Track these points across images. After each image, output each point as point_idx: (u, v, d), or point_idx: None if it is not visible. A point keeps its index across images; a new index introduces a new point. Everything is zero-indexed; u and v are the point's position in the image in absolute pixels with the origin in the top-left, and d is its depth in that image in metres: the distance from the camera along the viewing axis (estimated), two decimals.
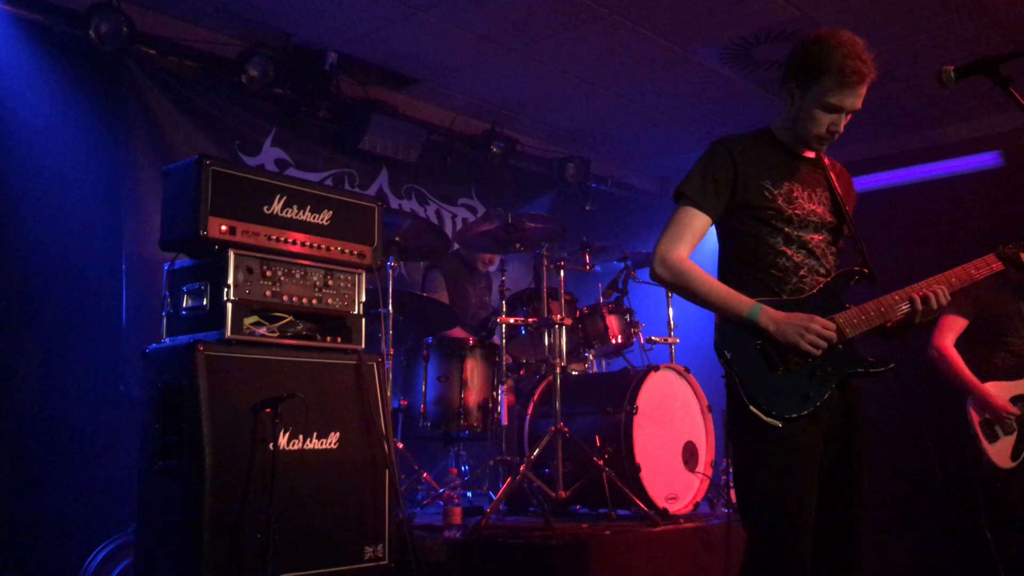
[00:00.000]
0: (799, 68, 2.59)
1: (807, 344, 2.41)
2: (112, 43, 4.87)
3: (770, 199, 2.56)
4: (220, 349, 3.27)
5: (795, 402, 2.40)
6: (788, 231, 2.57)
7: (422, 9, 5.30)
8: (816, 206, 2.63)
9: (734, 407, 2.49)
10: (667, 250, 2.54)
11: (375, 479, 3.59)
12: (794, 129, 2.65)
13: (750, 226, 2.58)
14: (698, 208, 2.55)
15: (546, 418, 4.83)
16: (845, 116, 2.59)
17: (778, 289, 2.55)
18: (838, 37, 2.55)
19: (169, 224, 3.50)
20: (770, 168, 2.61)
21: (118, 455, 4.37)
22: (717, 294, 2.49)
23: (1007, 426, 4.17)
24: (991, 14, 5.33)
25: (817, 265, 2.59)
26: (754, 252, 2.58)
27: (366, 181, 6.41)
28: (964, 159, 6.93)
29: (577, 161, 7.52)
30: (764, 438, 2.41)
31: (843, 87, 2.52)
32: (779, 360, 2.43)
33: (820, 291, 2.55)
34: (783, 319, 2.43)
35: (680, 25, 5.49)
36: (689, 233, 2.56)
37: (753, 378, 2.42)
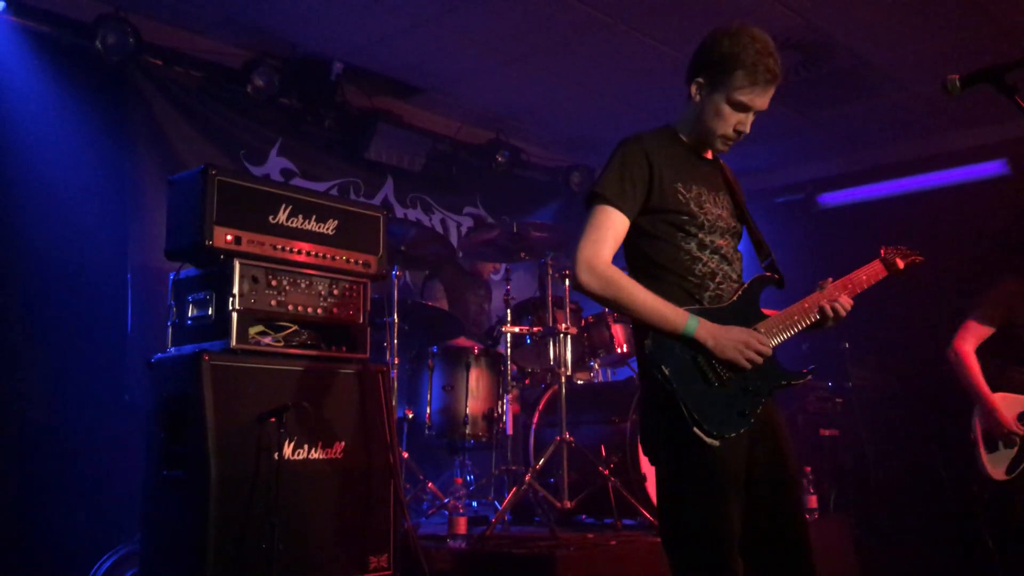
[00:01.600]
0: (710, 62, 2.46)
1: (744, 360, 2.33)
2: (119, 53, 4.90)
3: (684, 203, 2.45)
4: (225, 359, 3.27)
5: (733, 420, 2.30)
6: (701, 236, 2.45)
7: (428, 20, 5.32)
8: (721, 210, 2.53)
9: (662, 423, 2.34)
10: (593, 255, 2.34)
11: (380, 489, 3.59)
12: (697, 127, 2.54)
13: (663, 230, 2.44)
14: (618, 209, 2.38)
15: (551, 427, 4.82)
16: (751, 116, 2.49)
17: (698, 296, 2.43)
18: (752, 33, 2.44)
19: (175, 234, 3.51)
20: (680, 170, 2.49)
21: (123, 464, 4.37)
22: (652, 306, 2.31)
23: (1010, 441, 4.14)
24: (996, 21, 5.32)
25: (730, 271, 2.50)
26: (670, 258, 2.44)
27: (372, 190, 6.42)
28: (970, 167, 6.91)
29: (582, 170, 7.53)
30: (697, 457, 2.28)
31: (755, 85, 2.41)
32: (713, 375, 2.32)
33: (739, 299, 2.46)
34: (721, 334, 2.32)
35: (685, 35, 5.48)
36: (612, 236, 2.38)
37: (691, 395, 2.27)
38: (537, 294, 5.40)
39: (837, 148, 7.54)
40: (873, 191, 7.49)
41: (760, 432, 2.40)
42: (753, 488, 2.37)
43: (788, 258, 7.64)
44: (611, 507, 4.39)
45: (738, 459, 2.34)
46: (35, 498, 4.48)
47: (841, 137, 7.26)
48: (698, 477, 2.30)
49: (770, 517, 2.40)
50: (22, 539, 4.40)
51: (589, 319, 5.32)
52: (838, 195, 7.75)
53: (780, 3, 5.09)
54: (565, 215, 7.63)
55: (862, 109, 6.67)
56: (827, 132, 7.11)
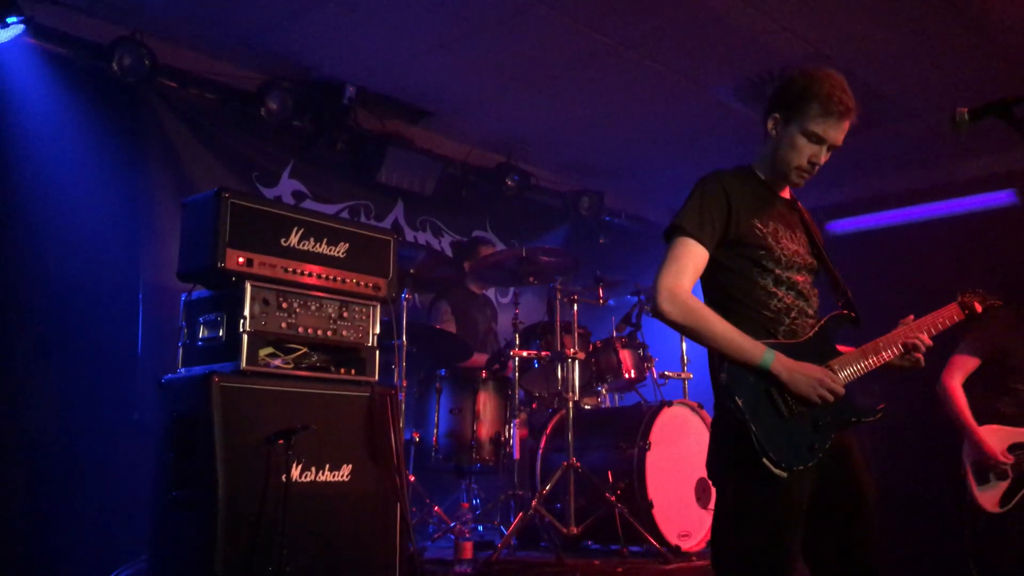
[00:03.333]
0: (785, 98, 2.57)
1: (816, 397, 2.37)
2: (134, 75, 4.96)
3: (761, 237, 2.52)
4: (235, 380, 3.29)
5: (801, 453, 2.34)
6: (778, 272, 2.52)
7: (439, 46, 5.37)
8: (798, 247, 2.59)
9: (731, 451, 2.40)
10: (675, 284, 2.43)
11: (387, 512, 3.59)
12: (774, 162, 2.61)
13: (740, 264, 2.52)
14: (697, 241, 2.46)
15: (558, 452, 4.82)
16: (826, 151, 2.57)
17: (773, 331, 2.49)
18: (827, 71, 2.56)
19: (187, 255, 3.54)
20: (757, 206, 2.57)
21: (132, 483, 4.38)
22: (731, 337, 2.38)
23: (1000, 472, 4.13)
24: (1004, 52, 5.35)
25: (806, 307, 2.55)
26: (745, 291, 2.51)
27: (382, 213, 6.46)
28: (979, 196, 6.92)
29: (591, 194, 7.56)
30: (765, 488, 2.32)
31: (828, 116, 2.51)
32: (785, 408, 2.37)
33: (815, 335, 2.51)
34: (796, 368, 2.37)
35: (694, 62, 5.54)
36: (692, 267, 2.46)
37: (764, 426, 2.32)
38: (546, 318, 5.41)
39: (847, 176, 7.54)
40: (882, 219, 7.50)
41: (831, 462, 2.43)
42: (824, 517, 2.42)
43: None
44: (618, 534, 4.38)
45: (804, 491, 2.38)
46: (44, 516, 4.49)
47: (851, 165, 7.25)
48: (763, 507, 2.35)
49: (843, 540, 2.45)
50: (31, 558, 4.41)
51: (597, 344, 5.33)
52: (848, 222, 7.76)
53: (790, 32, 5.13)
54: (574, 239, 7.66)
55: (872, 137, 6.67)
56: (837, 160, 7.05)
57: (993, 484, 4.15)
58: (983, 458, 4.15)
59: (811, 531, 2.41)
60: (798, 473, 2.32)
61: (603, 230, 7.99)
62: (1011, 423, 4.23)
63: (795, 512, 2.36)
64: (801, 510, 2.37)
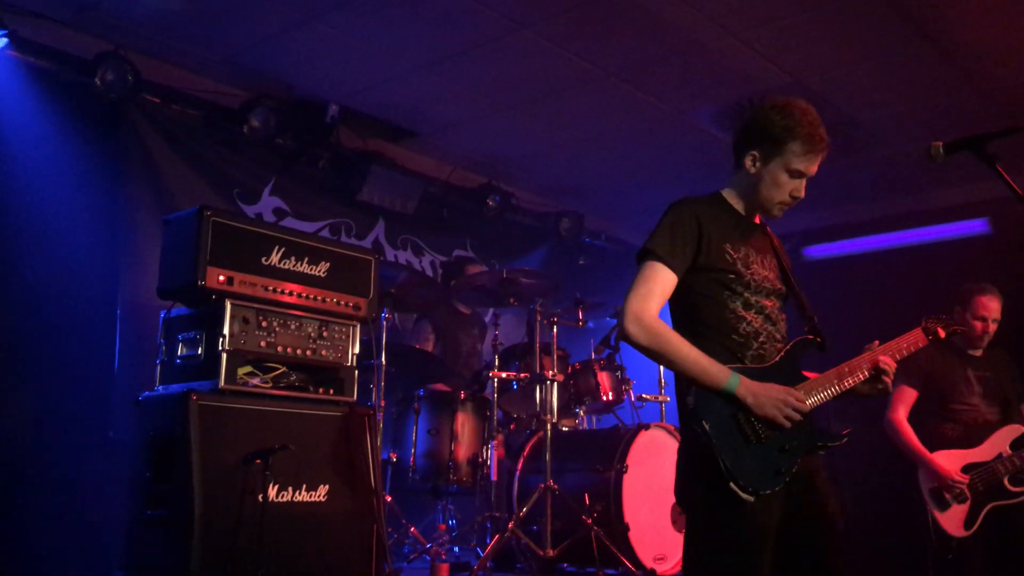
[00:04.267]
0: (763, 136, 2.57)
1: (782, 417, 2.38)
2: (117, 91, 4.95)
3: (731, 262, 2.53)
4: (213, 399, 3.28)
5: (768, 478, 2.35)
6: (747, 296, 2.53)
7: (424, 67, 5.41)
8: (768, 272, 2.62)
9: (699, 476, 2.40)
10: (642, 308, 2.43)
11: (363, 533, 3.59)
12: (753, 196, 2.63)
13: (710, 288, 2.53)
14: (667, 265, 2.47)
15: (536, 474, 4.82)
16: (804, 182, 2.62)
17: (740, 355, 2.49)
18: (799, 105, 2.58)
19: (168, 273, 3.54)
20: (728, 232, 2.58)
21: (106, 501, 4.34)
22: (696, 360, 2.39)
23: (958, 495, 4.20)
24: (977, 85, 5.46)
25: (774, 331, 2.57)
26: (715, 315, 2.52)
27: (363, 231, 6.47)
28: (952, 225, 7.02)
29: (572, 216, 7.61)
30: (733, 514, 2.33)
31: (811, 152, 2.54)
32: (752, 432, 2.38)
33: (781, 359, 2.52)
34: (761, 392, 2.38)
35: (674, 88, 5.61)
36: (660, 291, 2.47)
37: (731, 451, 2.33)
38: (525, 339, 5.43)
39: (823, 202, 7.64)
40: (857, 245, 7.60)
41: (798, 486, 2.44)
42: (791, 540, 2.43)
43: None
44: (594, 556, 4.38)
45: (772, 516, 2.39)
46: (15, 533, 4.43)
47: (827, 192, 7.35)
48: (731, 531, 2.36)
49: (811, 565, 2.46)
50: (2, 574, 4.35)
51: (576, 366, 5.35)
52: (823, 248, 7.85)
53: (770, 61, 5.21)
54: (554, 260, 7.70)
55: (848, 165, 6.78)
56: (813, 186, 7.17)
57: (953, 509, 4.20)
58: (940, 482, 4.21)
59: (779, 556, 2.41)
60: (766, 498, 2.34)
61: (583, 252, 8.03)
62: (959, 445, 4.31)
63: (764, 537, 2.37)
64: (769, 535, 2.38)
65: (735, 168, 2.67)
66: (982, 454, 4.26)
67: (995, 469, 4.21)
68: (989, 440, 4.29)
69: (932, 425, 4.42)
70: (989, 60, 5.17)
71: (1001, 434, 4.30)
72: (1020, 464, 4.18)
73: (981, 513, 4.19)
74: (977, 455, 4.27)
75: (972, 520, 4.18)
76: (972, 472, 4.22)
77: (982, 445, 4.28)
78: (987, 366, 4.50)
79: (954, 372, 4.45)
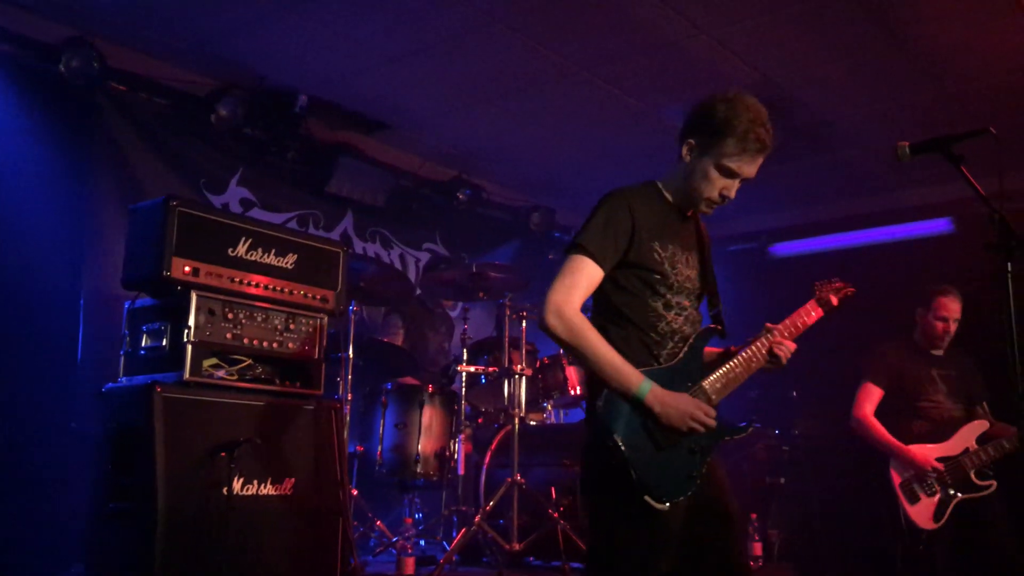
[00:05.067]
0: (703, 126, 2.53)
1: (687, 430, 2.37)
2: (83, 78, 4.87)
3: (658, 262, 2.52)
4: (178, 391, 3.25)
5: (680, 484, 2.36)
6: (668, 296, 2.53)
7: (395, 59, 5.37)
8: (690, 271, 2.60)
9: (608, 486, 2.37)
10: (564, 301, 2.39)
11: (328, 526, 3.57)
12: (684, 187, 2.60)
13: (634, 285, 2.51)
14: (595, 261, 2.44)
15: (503, 468, 4.83)
16: (738, 183, 2.57)
17: (656, 352, 2.49)
18: (747, 102, 2.52)
19: (132, 263, 3.49)
20: (659, 228, 2.56)
21: (66, 493, 4.29)
22: (611, 361, 2.36)
23: (929, 486, 4.28)
24: (945, 88, 5.53)
25: (691, 332, 2.57)
26: (636, 312, 2.51)
27: (331, 223, 6.42)
28: (917, 224, 7.11)
29: (542, 210, 7.61)
30: (644, 521, 2.32)
31: (744, 153, 2.49)
32: (661, 438, 2.36)
33: (685, 356, 2.52)
34: (669, 402, 2.36)
35: (647, 84, 5.62)
36: (584, 285, 2.44)
37: (641, 461, 2.31)
38: (494, 334, 5.43)
39: (790, 200, 7.72)
40: (823, 243, 7.67)
41: (700, 482, 2.44)
42: (695, 531, 2.43)
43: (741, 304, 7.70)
44: (560, 550, 4.39)
45: (680, 518, 2.39)
46: None
47: (795, 190, 7.43)
48: (640, 536, 2.35)
49: (713, 556, 2.46)
50: None
51: (544, 360, 5.36)
52: (790, 245, 7.92)
53: (741, 59, 5.23)
54: (524, 254, 7.70)
55: (815, 164, 6.84)
56: (782, 185, 7.27)
57: (924, 501, 4.28)
58: (915, 469, 4.28)
59: (682, 551, 2.41)
60: (679, 504, 2.35)
61: (553, 246, 8.04)
62: (928, 440, 4.41)
63: (671, 540, 2.38)
64: (676, 536, 2.38)
65: (677, 157, 2.64)
66: (950, 448, 4.35)
67: (962, 463, 4.30)
68: (956, 435, 4.38)
69: (900, 422, 4.49)
70: (956, 63, 5.24)
71: (967, 429, 4.39)
72: (986, 458, 4.29)
73: (950, 506, 4.27)
74: (945, 449, 4.35)
75: (941, 513, 4.27)
76: (944, 464, 4.31)
77: (950, 440, 4.37)
78: (950, 365, 4.59)
79: (919, 371, 4.54)
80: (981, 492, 4.28)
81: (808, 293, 2.92)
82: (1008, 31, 4.85)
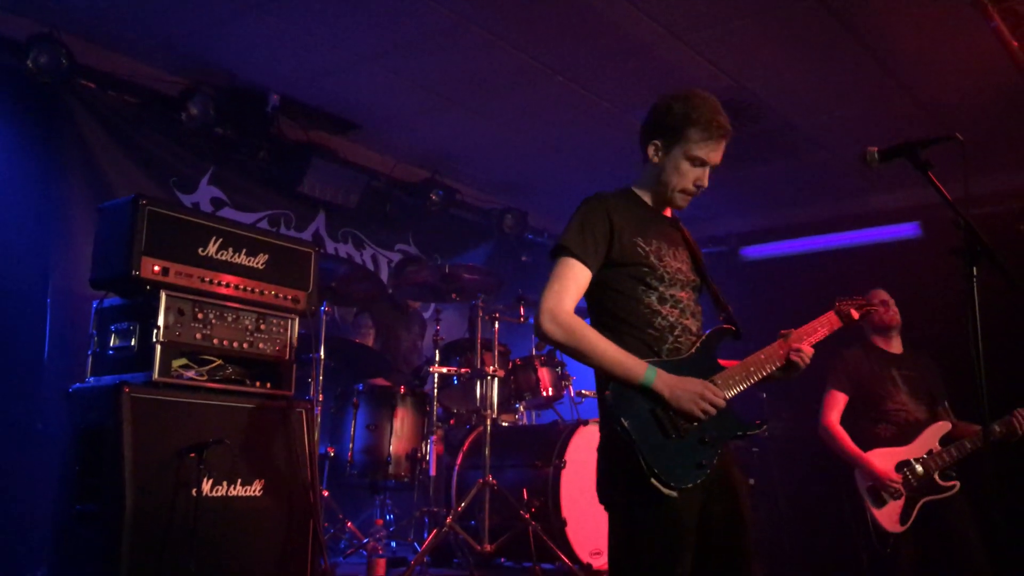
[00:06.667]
0: (664, 125, 2.61)
1: (699, 411, 2.39)
2: (51, 75, 4.80)
3: (643, 256, 2.54)
4: (146, 391, 3.22)
5: (690, 471, 2.37)
6: (662, 290, 2.54)
7: (368, 58, 5.36)
8: (680, 264, 2.63)
9: (620, 473, 2.39)
10: (557, 305, 2.42)
11: (299, 527, 3.55)
12: (658, 186, 2.66)
13: (624, 284, 2.54)
14: (581, 262, 2.47)
15: (475, 469, 4.83)
16: (707, 171, 2.64)
17: (657, 348, 2.50)
18: (700, 94, 2.61)
19: (101, 262, 3.46)
20: (640, 226, 2.59)
21: (32, 495, 4.23)
22: (613, 356, 2.39)
23: (893, 492, 4.34)
24: (913, 95, 5.61)
25: (690, 324, 2.59)
26: (630, 310, 2.52)
27: (303, 224, 6.39)
28: (885, 228, 7.20)
29: (515, 213, 7.62)
30: (654, 507, 2.33)
31: (709, 139, 2.57)
32: (671, 427, 2.38)
33: (697, 351, 2.55)
34: (677, 385, 2.39)
35: (620, 88, 5.64)
36: (575, 287, 2.47)
37: (650, 447, 2.33)
38: (466, 335, 5.43)
39: (761, 204, 7.78)
40: (794, 247, 7.75)
41: (716, 480, 2.45)
42: (709, 534, 2.44)
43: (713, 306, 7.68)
44: (531, 551, 4.40)
45: (693, 509, 2.40)
46: None
47: (765, 194, 7.50)
48: (654, 527, 2.35)
49: (725, 561, 2.47)
50: None
51: (517, 362, 5.37)
52: (760, 248, 7.99)
53: (712, 64, 5.27)
54: (497, 256, 7.71)
55: (785, 168, 6.91)
56: (752, 188, 7.34)
57: (890, 505, 4.34)
58: (875, 481, 4.35)
59: (699, 549, 2.42)
60: (687, 492, 2.35)
61: (526, 248, 8.05)
62: (892, 444, 4.47)
63: (686, 532, 2.38)
64: (692, 529, 2.39)
65: (643, 161, 2.70)
66: (914, 451, 4.41)
67: (926, 465, 4.35)
68: (920, 438, 4.44)
69: (866, 426, 4.56)
70: (924, 70, 5.31)
71: (930, 431, 4.45)
72: (949, 459, 4.35)
73: (915, 508, 4.33)
74: (909, 452, 4.41)
75: (907, 515, 4.32)
76: (904, 470, 4.36)
77: (913, 443, 4.43)
78: (911, 366, 4.66)
79: (880, 373, 4.61)
80: (945, 493, 4.34)
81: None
82: (974, 39, 4.92)
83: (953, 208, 2.48)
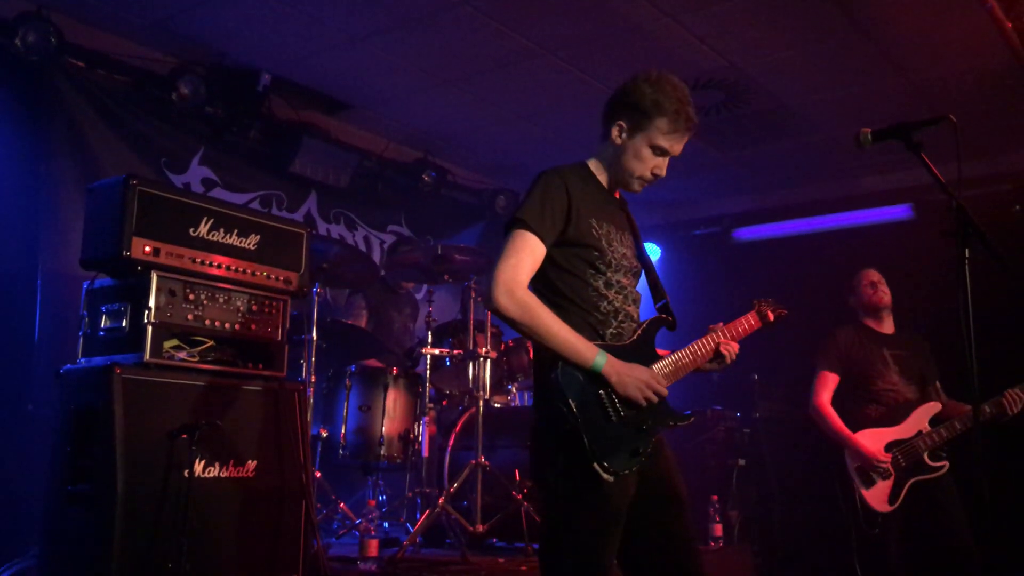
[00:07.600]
0: (632, 107, 2.57)
1: (643, 399, 2.40)
2: (39, 53, 4.76)
3: (596, 238, 2.52)
4: (138, 372, 3.20)
5: (627, 457, 2.37)
6: (609, 275, 2.53)
7: (360, 38, 5.32)
8: (625, 249, 2.61)
9: (559, 454, 2.36)
10: (512, 279, 2.36)
11: (291, 509, 3.55)
12: (615, 168, 2.64)
13: (574, 264, 2.51)
14: (536, 235, 2.42)
15: (467, 450, 4.84)
16: (667, 161, 2.62)
17: (601, 332, 2.50)
18: (672, 82, 2.57)
19: (91, 242, 3.43)
20: (594, 206, 2.57)
21: (22, 476, 4.23)
22: (565, 337, 2.36)
23: (882, 472, 4.36)
24: (906, 76, 5.60)
25: (632, 310, 2.59)
26: (577, 291, 2.50)
27: (294, 204, 6.37)
28: (878, 210, 7.21)
29: (507, 193, 7.60)
30: (591, 494, 2.33)
31: (676, 131, 2.54)
32: (613, 411, 2.39)
33: (638, 338, 2.54)
34: (625, 371, 2.39)
35: (614, 69, 5.62)
36: (530, 261, 2.42)
37: (592, 429, 2.33)
38: (459, 316, 5.42)
39: (754, 185, 7.78)
40: (786, 228, 7.75)
41: (650, 467, 2.46)
42: (643, 511, 2.44)
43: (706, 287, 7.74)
44: (523, 531, 4.42)
45: (626, 495, 2.41)
46: None
47: (758, 175, 7.50)
48: (588, 509, 2.35)
49: (661, 536, 2.48)
50: None
51: (509, 343, 5.36)
52: (753, 230, 7.99)
53: (705, 44, 5.25)
54: (489, 237, 7.68)
55: (778, 149, 6.90)
56: (745, 169, 7.34)
57: (879, 485, 4.37)
58: (864, 462, 4.37)
59: (628, 534, 2.42)
60: (623, 478, 2.36)
61: None
62: (881, 424, 4.49)
63: (618, 517, 2.39)
64: (623, 515, 2.40)
65: (602, 138, 2.67)
66: (903, 432, 4.43)
67: (916, 446, 4.38)
68: (909, 418, 4.46)
69: (856, 406, 4.58)
70: (917, 51, 5.30)
71: (920, 412, 4.48)
72: (938, 440, 4.37)
73: (904, 488, 4.36)
74: (899, 433, 4.43)
75: (896, 496, 4.35)
76: (894, 449, 4.39)
77: (903, 423, 4.45)
78: (901, 345, 4.68)
79: (871, 353, 4.62)
80: (935, 473, 4.37)
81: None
82: (969, 20, 4.91)
83: (945, 189, 2.49)
